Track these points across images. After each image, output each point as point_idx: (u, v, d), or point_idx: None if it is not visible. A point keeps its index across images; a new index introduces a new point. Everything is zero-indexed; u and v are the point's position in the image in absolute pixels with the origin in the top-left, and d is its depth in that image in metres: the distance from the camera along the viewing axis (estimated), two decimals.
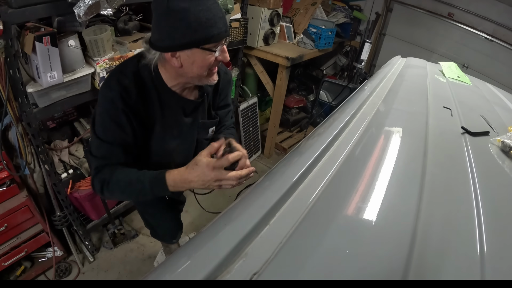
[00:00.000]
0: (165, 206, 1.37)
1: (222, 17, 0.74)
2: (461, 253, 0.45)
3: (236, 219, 0.48)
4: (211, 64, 0.78)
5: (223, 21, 0.74)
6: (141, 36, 1.60)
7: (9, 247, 1.50)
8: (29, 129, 1.32)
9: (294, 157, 0.68)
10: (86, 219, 1.89)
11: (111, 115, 0.80)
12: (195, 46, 0.73)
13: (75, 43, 1.30)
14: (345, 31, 3.20)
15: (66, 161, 1.64)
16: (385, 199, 0.52)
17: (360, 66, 1.70)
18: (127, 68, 0.83)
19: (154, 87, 0.84)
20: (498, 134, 0.85)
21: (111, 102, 0.79)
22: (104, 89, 0.82)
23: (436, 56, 2.88)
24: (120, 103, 0.79)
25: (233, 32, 2.19)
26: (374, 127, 0.78)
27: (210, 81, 0.83)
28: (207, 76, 0.82)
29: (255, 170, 0.78)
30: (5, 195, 1.43)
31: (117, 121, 0.80)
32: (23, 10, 1.08)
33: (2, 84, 1.18)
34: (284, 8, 2.70)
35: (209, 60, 0.77)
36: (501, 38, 2.62)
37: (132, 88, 0.80)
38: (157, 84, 0.84)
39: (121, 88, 0.79)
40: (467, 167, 0.67)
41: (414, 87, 1.12)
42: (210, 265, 0.39)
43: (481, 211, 0.53)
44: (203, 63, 0.76)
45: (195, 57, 0.75)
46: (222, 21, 0.74)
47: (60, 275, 1.76)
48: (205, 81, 0.83)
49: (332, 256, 0.42)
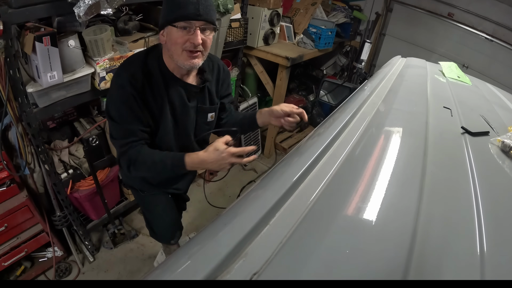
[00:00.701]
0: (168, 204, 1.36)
1: (195, 3, 0.83)
2: (461, 253, 0.45)
3: (236, 219, 0.48)
4: (182, 43, 0.87)
5: (194, 6, 0.84)
6: (141, 36, 1.60)
7: (9, 247, 1.50)
8: (29, 129, 1.32)
9: (294, 157, 0.68)
10: (86, 219, 1.89)
11: (123, 99, 0.91)
12: (168, 24, 0.87)
13: (75, 43, 1.30)
14: (345, 31, 3.20)
15: (66, 161, 1.64)
16: (385, 199, 0.52)
17: (360, 66, 1.71)
18: (135, 59, 0.96)
19: (160, 73, 0.96)
20: (498, 134, 0.85)
21: (121, 87, 0.91)
22: (115, 77, 0.95)
23: (436, 56, 2.88)
24: (129, 87, 0.90)
25: (233, 32, 2.19)
26: (374, 127, 0.78)
27: (188, 63, 0.91)
28: (185, 57, 0.90)
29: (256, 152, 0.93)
30: (5, 195, 1.43)
31: (128, 104, 0.92)
32: (23, 10, 1.08)
33: (2, 84, 1.18)
34: (284, 8, 2.70)
35: (179, 37, 0.87)
36: (501, 38, 2.62)
37: (139, 75, 0.92)
38: (162, 69, 0.96)
39: (129, 75, 0.91)
40: (467, 167, 0.67)
41: (414, 87, 1.12)
42: (210, 265, 0.39)
43: (481, 211, 0.53)
44: (175, 40, 0.87)
45: (171, 34, 0.88)
46: (194, 5, 0.84)
47: (60, 275, 1.76)
48: (182, 62, 0.91)
49: (332, 256, 0.42)
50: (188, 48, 0.88)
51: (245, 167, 2.88)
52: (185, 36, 0.86)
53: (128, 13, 1.60)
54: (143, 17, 1.69)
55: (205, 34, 0.89)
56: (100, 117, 1.75)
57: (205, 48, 0.91)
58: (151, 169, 0.98)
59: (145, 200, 1.34)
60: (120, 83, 0.91)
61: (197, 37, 0.86)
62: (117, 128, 0.96)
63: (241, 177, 2.76)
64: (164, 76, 0.96)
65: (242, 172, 2.82)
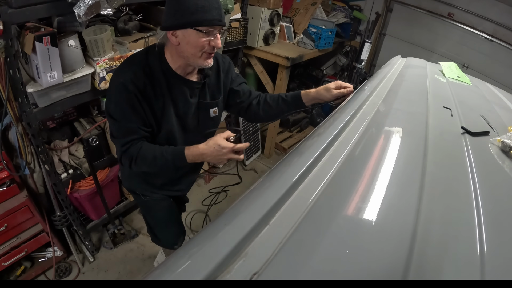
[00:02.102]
0: (171, 210, 1.35)
1: (217, 8, 0.86)
2: (461, 253, 0.45)
3: (236, 219, 0.48)
4: (203, 47, 0.89)
5: (217, 11, 0.86)
6: (141, 36, 1.60)
7: (9, 247, 1.50)
8: (29, 129, 1.32)
9: (294, 157, 0.68)
10: (86, 219, 1.89)
11: (124, 98, 0.91)
12: (189, 27, 0.86)
13: (75, 43, 1.30)
14: (345, 31, 3.20)
15: (66, 161, 1.64)
16: (385, 199, 0.52)
17: (360, 66, 1.70)
18: (136, 58, 0.97)
19: (162, 72, 0.96)
20: (498, 134, 0.85)
21: (122, 86, 0.90)
22: (116, 76, 0.94)
23: (436, 56, 2.88)
24: (130, 86, 0.90)
25: (233, 32, 2.19)
26: (374, 127, 0.78)
27: (205, 63, 0.94)
28: (202, 58, 0.92)
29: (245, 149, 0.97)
30: (5, 195, 1.44)
31: (129, 103, 0.92)
32: (23, 10, 1.08)
33: (2, 84, 1.18)
34: (284, 8, 2.70)
35: (201, 41, 0.88)
36: (501, 38, 2.61)
37: (140, 74, 0.92)
38: (164, 68, 0.96)
39: (131, 74, 0.91)
40: (467, 167, 0.67)
41: (414, 87, 1.12)
42: (210, 265, 0.39)
43: (481, 211, 0.53)
44: (196, 43, 0.88)
45: (190, 37, 0.88)
46: (217, 11, 0.86)
47: (60, 275, 1.76)
48: (200, 63, 0.93)
49: (332, 256, 0.41)
50: (208, 50, 0.91)
51: (245, 167, 2.89)
52: (206, 40, 0.88)
53: (128, 13, 1.60)
54: (143, 17, 1.69)
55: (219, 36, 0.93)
56: (100, 117, 1.75)
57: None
58: (152, 164, 0.98)
59: (148, 206, 1.32)
60: (121, 82, 0.91)
61: (219, 41, 0.91)
62: (117, 126, 0.96)
63: (241, 177, 2.76)
64: (166, 75, 0.97)
65: (242, 172, 2.82)
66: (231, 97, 1.17)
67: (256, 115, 1.19)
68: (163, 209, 1.32)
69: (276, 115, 1.22)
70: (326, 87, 1.09)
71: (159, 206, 1.30)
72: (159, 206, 1.30)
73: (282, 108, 1.16)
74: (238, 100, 1.18)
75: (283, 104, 1.15)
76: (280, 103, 1.16)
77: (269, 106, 1.17)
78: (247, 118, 1.26)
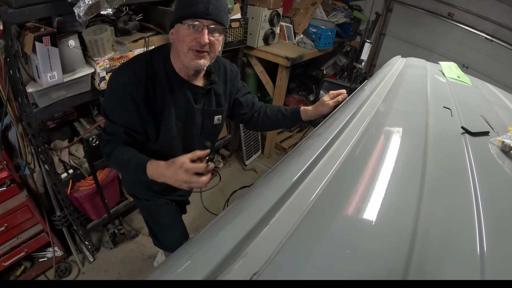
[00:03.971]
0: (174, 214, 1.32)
1: (205, 2, 0.83)
2: (461, 253, 0.45)
3: (236, 219, 0.48)
4: (189, 42, 0.85)
5: (204, 5, 0.83)
6: (141, 36, 1.60)
7: (9, 247, 1.50)
8: (29, 129, 1.32)
9: (294, 157, 0.68)
10: (86, 219, 1.89)
11: (120, 99, 0.89)
12: (177, 21, 0.86)
13: (75, 43, 1.30)
14: (345, 31, 3.20)
15: (66, 161, 1.64)
16: (385, 199, 0.52)
17: (360, 66, 1.70)
18: (140, 57, 0.95)
19: (165, 73, 0.94)
20: (498, 134, 0.85)
21: (121, 86, 0.89)
22: (117, 74, 0.92)
23: (436, 56, 2.88)
24: (129, 87, 0.88)
25: (233, 32, 2.19)
26: (374, 127, 0.78)
27: (192, 63, 0.88)
28: (190, 56, 0.87)
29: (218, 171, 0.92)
30: (5, 195, 1.44)
31: (124, 105, 0.90)
32: (23, 10, 1.08)
33: (2, 84, 1.18)
34: (284, 8, 2.70)
35: (186, 36, 0.85)
36: (501, 38, 2.62)
37: (142, 74, 0.90)
38: (168, 69, 0.94)
39: (132, 73, 0.89)
40: (467, 167, 0.67)
41: (414, 87, 1.12)
42: (210, 265, 0.39)
43: (481, 211, 0.53)
44: (182, 38, 0.86)
45: (179, 32, 0.87)
46: (204, 5, 0.83)
47: (60, 275, 1.76)
48: (189, 62, 0.88)
49: (332, 256, 0.41)
50: (194, 47, 0.86)
51: (245, 167, 2.88)
52: (192, 35, 0.85)
53: (128, 13, 1.60)
54: (143, 17, 1.69)
55: (214, 36, 0.87)
56: (100, 117, 1.75)
57: (212, 49, 0.89)
58: (118, 167, 0.97)
59: (150, 210, 1.29)
60: (121, 81, 0.89)
61: (204, 36, 0.84)
62: (108, 124, 0.96)
63: (241, 177, 2.76)
64: (169, 77, 0.94)
65: (242, 172, 2.82)
66: (235, 107, 1.18)
67: (256, 126, 1.24)
68: (166, 214, 1.29)
69: (274, 127, 1.27)
70: (321, 102, 1.10)
71: (162, 212, 1.28)
72: (162, 211, 1.28)
73: (280, 121, 1.20)
74: (242, 112, 1.19)
75: (282, 118, 1.19)
76: (279, 117, 1.19)
77: (268, 119, 1.20)
78: (247, 127, 1.30)
